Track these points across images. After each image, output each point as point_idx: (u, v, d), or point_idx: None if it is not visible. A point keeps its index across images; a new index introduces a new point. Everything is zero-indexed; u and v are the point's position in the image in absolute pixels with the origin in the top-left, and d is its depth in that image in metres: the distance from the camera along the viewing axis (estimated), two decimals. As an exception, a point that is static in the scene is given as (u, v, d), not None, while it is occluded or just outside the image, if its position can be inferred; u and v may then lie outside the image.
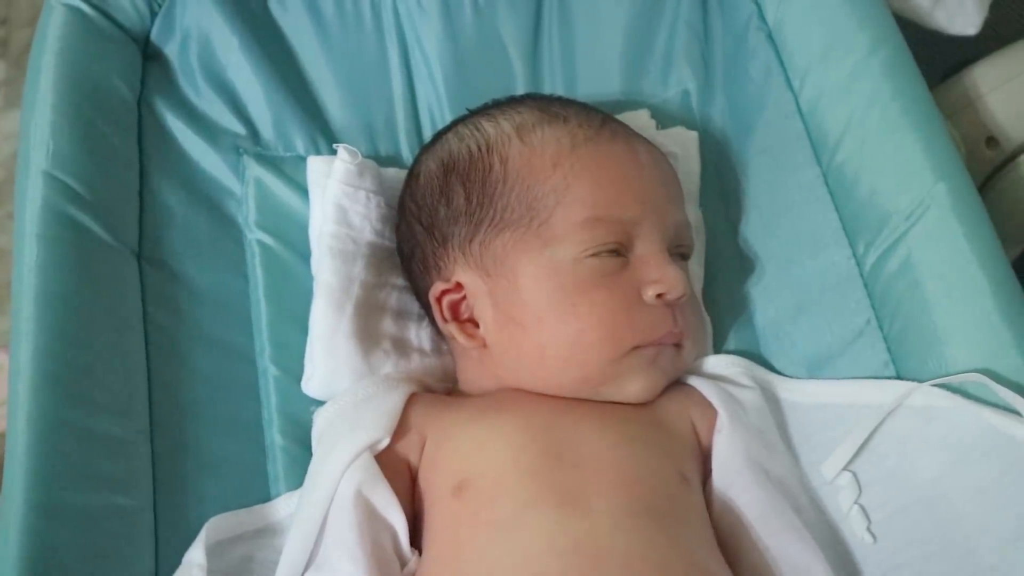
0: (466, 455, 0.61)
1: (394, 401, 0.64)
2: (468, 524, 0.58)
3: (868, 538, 0.61)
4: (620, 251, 0.64)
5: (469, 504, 0.58)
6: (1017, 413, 0.57)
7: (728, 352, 0.74)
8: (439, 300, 0.68)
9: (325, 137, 0.80)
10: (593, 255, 0.63)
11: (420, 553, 0.59)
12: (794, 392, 0.69)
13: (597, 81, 0.84)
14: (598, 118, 0.69)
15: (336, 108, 0.82)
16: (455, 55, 0.82)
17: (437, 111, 0.83)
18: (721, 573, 0.58)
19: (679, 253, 0.68)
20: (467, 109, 0.74)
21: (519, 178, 0.65)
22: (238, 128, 0.79)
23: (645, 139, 0.70)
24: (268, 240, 0.76)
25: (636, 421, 0.64)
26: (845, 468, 0.63)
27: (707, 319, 0.74)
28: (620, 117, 0.74)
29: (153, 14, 0.79)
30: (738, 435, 0.64)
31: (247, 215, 0.77)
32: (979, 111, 0.84)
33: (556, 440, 0.61)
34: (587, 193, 0.64)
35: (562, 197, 0.64)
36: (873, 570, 0.60)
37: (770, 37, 0.79)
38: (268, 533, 0.65)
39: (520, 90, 0.82)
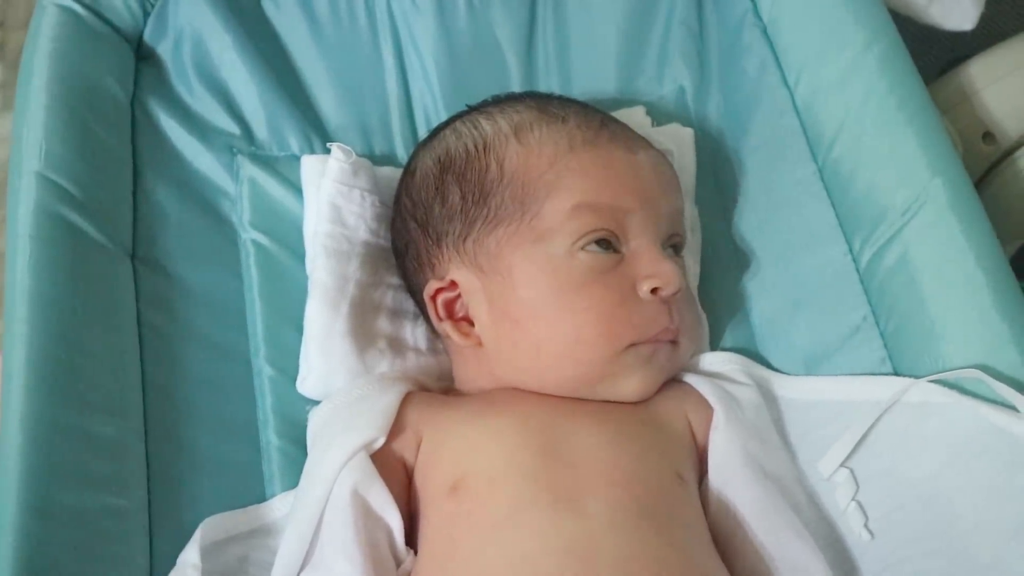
0: (461, 455, 0.61)
1: (389, 400, 0.64)
2: (463, 524, 0.57)
3: (866, 535, 0.61)
4: (613, 244, 0.64)
5: (464, 504, 0.58)
6: (1014, 409, 0.57)
7: (724, 349, 0.74)
8: (434, 299, 0.67)
9: (319, 136, 0.80)
10: (585, 248, 0.63)
11: (416, 552, 0.59)
12: (791, 389, 0.68)
13: (592, 78, 0.84)
14: (597, 119, 0.68)
15: (330, 107, 0.82)
16: (450, 53, 0.82)
17: (432, 110, 0.83)
18: (717, 573, 0.58)
19: (672, 245, 0.68)
20: (466, 105, 0.74)
21: (514, 177, 0.65)
22: (232, 128, 0.78)
23: (646, 141, 0.70)
24: (263, 240, 0.75)
25: (632, 420, 0.64)
26: (842, 465, 0.63)
27: (703, 316, 0.74)
28: (615, 114, 0.74)
29: (146, 14, 0.78)
30: (735, 432, 0.64)
31: (241, 215, 0.76)
32: (976, 107, 0.84)
33: (552, 440, 0.60)
34: (577, 182, 0.64)
35: (552, 189, 0.63)
36: (871, 567, 0.60)
37: (765, 33, 0.79)
38: (263, 533, 0.65)
39: (515, 88, 0.82)
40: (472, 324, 0.66)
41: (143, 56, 0.79)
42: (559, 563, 0.54)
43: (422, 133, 0.82)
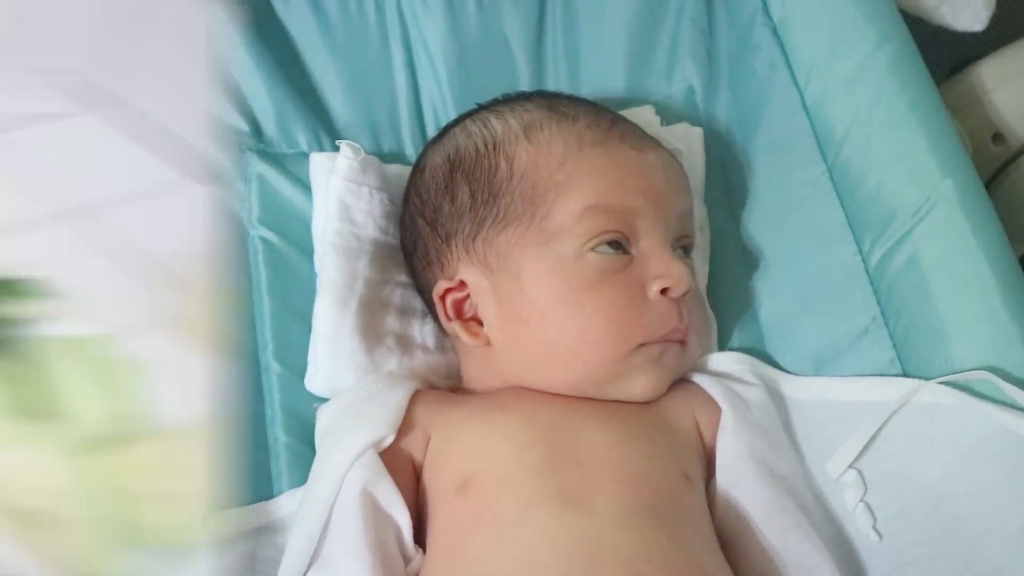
0: (470, 453, 0.61)
1: (398, 398, 0.64)
2: (471, 523, 0.57)
3: (874, 536, 0.60)
4: (623, 245, 0.64)
5: (472, 503, 0.58)
6: (1024, 411, 0.57)
7: (733, 349, 0.74)
8: (443, 299, 0.67)
9: (328, 134, 0.80)
10: (595, 249, 0.63)
11: (424, 550, 0.59)
12: (799, 389, 0.68)
13: (601, 77, 0.83)
14: (607, 118, 0.68)
15: (339, 104, 0.81)
16: (459, 51, 0.82)
17: (441, 107, 0.83)
18: (722, 574, 0.58)
19: (681, 246, 0.68)
20: (477, 104, 0.74)
21: (524, 177, 0.65)
22: (241, 124, 0.78)
23: (656, 141, 0.70)
24: (271, 237, 0.75)
25: (640, 420, 0.64)
26: (851, 466, 0.62)
27: (711, 316, 0.74)
28: (624, 113, 0.73)
29: (156, 10, 0.79)
30: (742, 433, 0.64)
31: (250, 212, 0.76)
32: (986, 107, 0.84)
33: (560, 439, 0.60)
34: (587, 183, 0.63)
35: (562, 189, 0.63)
36: (879, 568, 0.60)
37: (775, 32, 0.79)
38: (270, 531, 0.65)
39: (524, 87, 0.82)
40: (481, 324, 0.66)
41: (152, 52, 0.79)
42: (567, 562, 0.54)
43: (431, 131, 0.81)
